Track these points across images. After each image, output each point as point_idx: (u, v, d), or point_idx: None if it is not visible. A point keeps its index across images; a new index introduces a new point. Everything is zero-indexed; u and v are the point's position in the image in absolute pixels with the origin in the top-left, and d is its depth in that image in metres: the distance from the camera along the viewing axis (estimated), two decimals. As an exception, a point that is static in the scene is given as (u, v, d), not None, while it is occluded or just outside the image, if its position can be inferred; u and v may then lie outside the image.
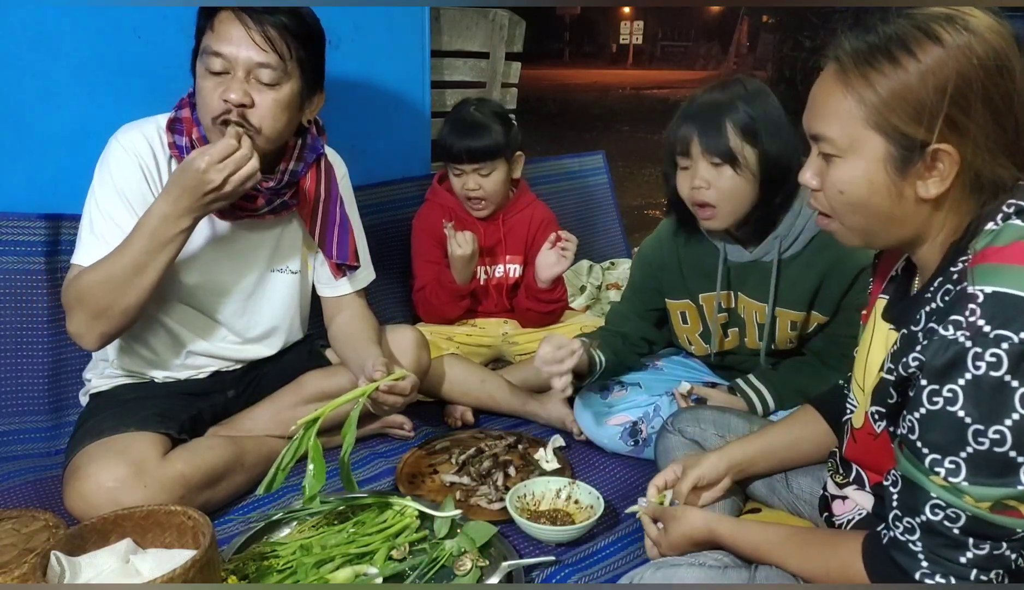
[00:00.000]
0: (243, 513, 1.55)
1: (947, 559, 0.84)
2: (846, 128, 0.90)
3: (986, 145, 0.84)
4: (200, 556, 1.07)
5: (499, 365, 2.17)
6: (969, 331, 0.80)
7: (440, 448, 1.81)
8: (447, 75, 2.68)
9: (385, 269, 2.34)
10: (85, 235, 1.46)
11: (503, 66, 2.86)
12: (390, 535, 1.41)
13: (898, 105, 0.85)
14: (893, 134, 0.87)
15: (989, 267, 0.82)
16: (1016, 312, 0.78)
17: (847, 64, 0.90)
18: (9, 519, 1.32)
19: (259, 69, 1.41)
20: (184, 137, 1.49)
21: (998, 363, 0.78)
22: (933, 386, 0.83)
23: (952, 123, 0.83)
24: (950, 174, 0.86)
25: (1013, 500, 0.81)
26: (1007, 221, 0.85)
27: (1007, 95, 0.83)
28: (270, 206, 1.57)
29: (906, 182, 0.88)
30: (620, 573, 1.40)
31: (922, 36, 0.85)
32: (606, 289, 2.74)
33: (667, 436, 1.53)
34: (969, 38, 0.83)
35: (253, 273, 1.65)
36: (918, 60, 0.84)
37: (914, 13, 0.87)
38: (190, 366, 1.65)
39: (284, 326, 1.74)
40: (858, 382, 1.07)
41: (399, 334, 1.82)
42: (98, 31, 1.76)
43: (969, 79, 0.82)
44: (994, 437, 0.79)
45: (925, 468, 0.84)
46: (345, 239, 1.69)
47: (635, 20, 27.06)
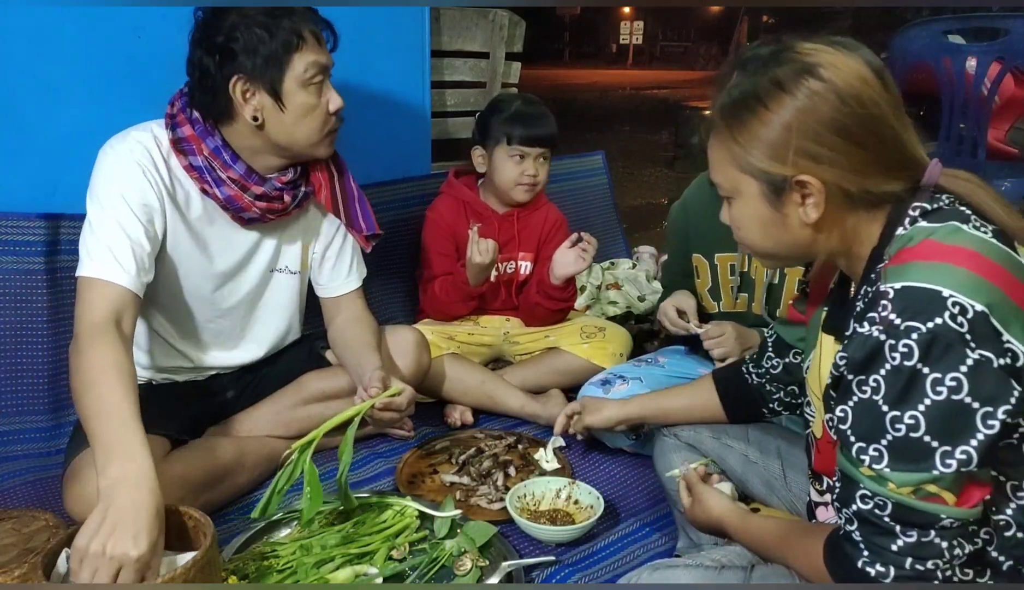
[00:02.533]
0: (243, 513, 1.55)
1: (880, 547, 0.88)
2: (726, 174, 1.01)
3: (848, 167, 0.92)
4: (201, 556, 1.07)
5: (499, 365, 2.17)
6: (883, 325, 0.85)
7: (440, 448, 1.81)
8: (447, 75, 2.68)
9: (385, 269, 2.34)
10: (91, 245, 1.39)
11: (503, 66, 2.86)
12: (390, 535, 1.41)
13: (756, 148, 0.95)
14: (758, 174, 0.97)
15: (899, 266, 0.88)
16: (923, 303, 0.83)
17: (718, 119, 1.00)
18: (9, 519, 1.32)
19: (328, 70, 1.51)
20: (198, 157, 1.48)
21: (910, 352, 0.83)
22: (857, 379, 0.88)
23: (806, 155, 0.92)
24: (821, 199, 0.94)
25: (933, 486, 0.84)
26: (914, 224, 0.92)
27: (861, 122, 0.91)
28: (295, 201, 1.58)
29: (787, 212, 0.97)
30: (620, 573, 1.40)
31: (773, 88, 0.94)
32: (606, 289, 2.74)
33: (663, 439, 1.54)
34: (813, 83, 0.92)
35: (255, 274, 1.64)
36: (768, 108, 0.94)
37: (777, 62, 0.95)
38: (189, 369, 1.65)
39: (283, 326, 1.74)
40: (813, 391, 1.10)
41: (399, 335, 1.82)
42: (98, 31, 1.76)
43: (816, 116, 0.91)
44: (909, 422, 0.84)
45: (854, 458, 0.89)
46: (367, 210, 1.71)
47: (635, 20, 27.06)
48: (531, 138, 2.03)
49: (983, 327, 0.82)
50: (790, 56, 0.94)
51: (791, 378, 1.34)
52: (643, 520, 1.57)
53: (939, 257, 0.86)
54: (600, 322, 2.18)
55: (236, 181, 1.50)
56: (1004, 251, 0.88)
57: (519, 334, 2.15)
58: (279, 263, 1.68)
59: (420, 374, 1.83)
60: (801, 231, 0.98)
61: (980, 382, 0.82)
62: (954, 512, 0.84)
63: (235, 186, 1.50)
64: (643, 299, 2.69)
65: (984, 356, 0.81)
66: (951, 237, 0.88)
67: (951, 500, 0.84)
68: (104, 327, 1.30)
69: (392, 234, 2.34)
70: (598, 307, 2.64)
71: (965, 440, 0.82)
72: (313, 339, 1.82)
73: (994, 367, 0.82)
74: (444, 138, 2.72)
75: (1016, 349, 0.83)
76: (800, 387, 1.33)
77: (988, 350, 0.82)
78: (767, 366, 1.37)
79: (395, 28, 2.32)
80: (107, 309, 1.33)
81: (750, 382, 1.40)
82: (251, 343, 1.70)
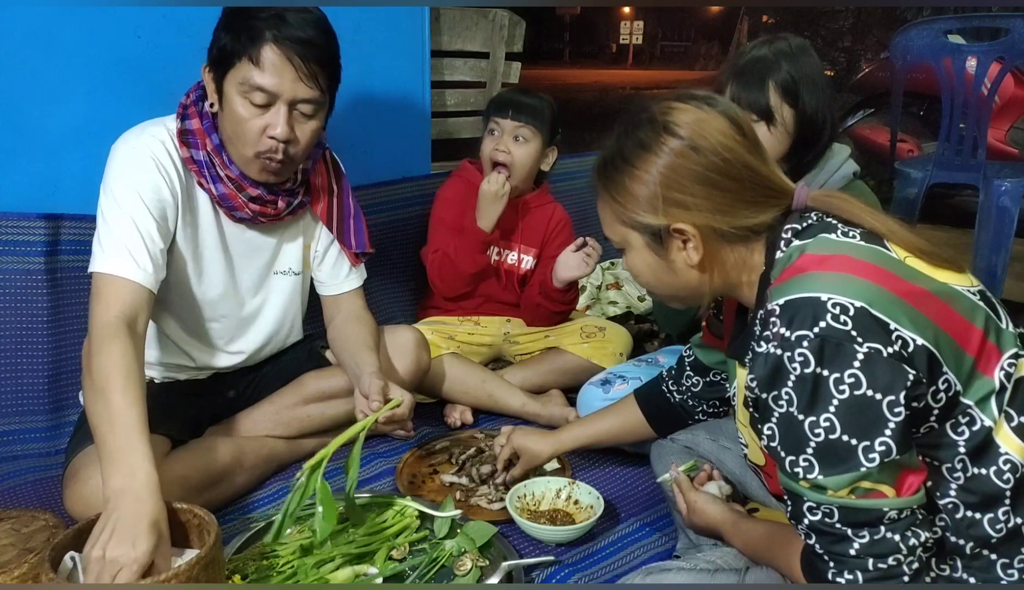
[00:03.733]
0: (243, 513, 1.55)
1: (840, 554, 0.90)
2: (614, 229, 1.09)
3: (714, 209, 0.99)
4: (204, 554, 1.07)
5: (499, 365, 2.17)
6: (776, 340, 0.90)
7: (440, 448, 1.81)
8: (447, 75, 2.68)
9: (385, 269, 2.33)
10: (106, 241, 1.38)
11: (503, 66, 2.86)
12: (390, 535, 1.41)
13: (630, 203, 1.03)
14: (639, 227, 1.04)
15: (781, 284, 0.94)
16: (806, 311, 0.88)
17: (597, 181, 1.09)
18: (9, 519, 1.32)
19: (303, 104, 1.42)
20: (200, 151, 1.47)
21: (806, 360, 0.87)
22: (772, 395, 0.91)
23: (676, 204, 1.00)
24: (698, 242, 1.01)
25: (866, 482, 0.87)
26: (789, 245, 0.98)
27: (719, 169, 0.98)
28: (290, 208, 1.58)
29: (672, 257, 1.05)
30: (620, 573, 1.40)
31: (636, 147, 1.02)
32: (606, 289, 2.74)
33: (660, 442, 1.54)
34: (672, 142, 0.99)
35: (256, 276, 1.65)
36: (635, 167, 1.02)
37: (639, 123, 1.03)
38: (191, 368, 1.65)
39: (285, 327, 1.74)
40: (740, 420, 1.13)
41: (399, 334, 1.81)
42: (98, 31, 1.76)
43: (674, 168, 0.99)
44: (825, 425, 0.87)
45: (791, 473, 0.91)
46: (361, 228, 1.72)
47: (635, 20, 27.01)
48: (505, 111, 2.03)
49: (866, 321, 0.86)
50: (648, 117, 1.03)
51: (712, 392, 1.41)
52: (643, 520, 1.57)
53: (814, 267, 0.93)
54: (600, 322, 2.18)
55: (233, 180, 1.49)
56: (873, 249, 0.94)
57: (519, 334, 2.15)
58: (281, 264, 1.68)
59: (420, 374, 1.83)
60: (689, 273, 1.05)
61: (875, 373, 0.85)
62: (896, 503, 0.87)
63: (231, 185, 1.49)
64: (643, 299, 2.69)
65: (872, 348, 0.85)
66: (821, 247, 0.95)
67: (890, 492, 0.87)
68: (118, 327, 1.30)
69: (392, 234, 2.34)
70: (598, 307, 2.64)
71: (880, 431, 0.86)
72: (313, 339, 1.82)
73: (884, 356, 0.86)
74: (444, 138, 2.72)
75: (904, 336, 0.87)
76: (721, 400, 1.41)
77: (875, 341, 0.86)
78: (687, 384, 1.43)
79: (395, 28, 2.32)
80: (123, 308, 1.33)
81: (672, 400, 1.46)
82: (253, 343, 1.70)
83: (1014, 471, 0.90)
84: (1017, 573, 0.92)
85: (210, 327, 1.63)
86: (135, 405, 1.22)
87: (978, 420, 0.91)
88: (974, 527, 0.92)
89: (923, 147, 4.30)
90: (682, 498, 1.31)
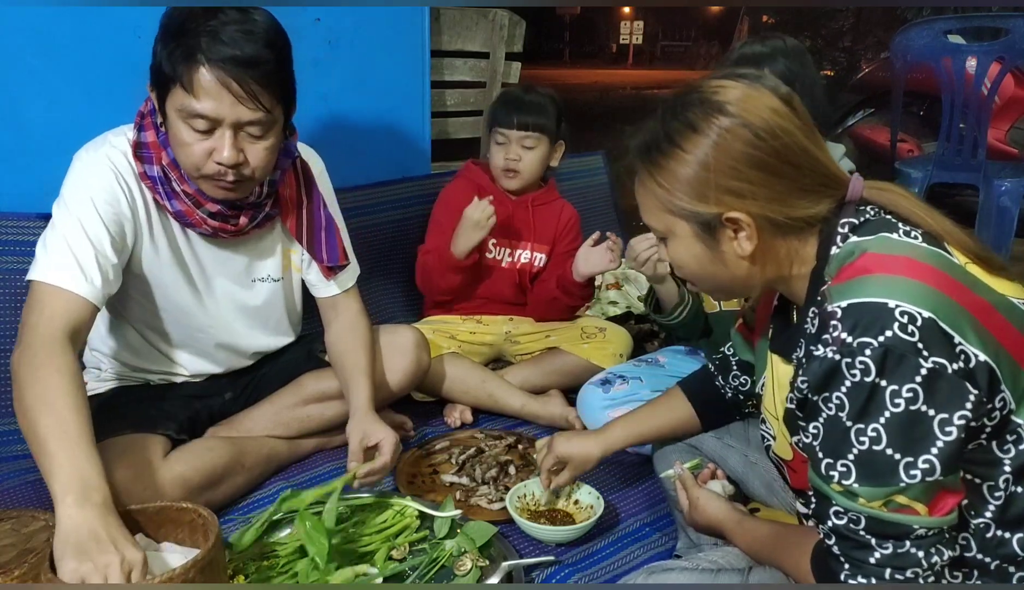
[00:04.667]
0: (243, 513, 1.55)
1: (859, 560, 0.88)
2: (657, 217, 1.02)
3: (771, 198, 0.93)
4: (203, 556, 1.07)
5: (500, 365, 2.17)
6: (836, 345, 0.86)
7: (440, 448, 1.81)
8: (447, 75, 2.68)
9: (385, 269, 2.34)
10: (54, 250, 1.32)
11: (503, 66, 2.86)
12: (390, 535, 1.41)
13: (680, 190, 0.96)
14: (687, 215, 0.98)
15: (842, 284, 0.89)
16: (872, 318, 0.84)
17: (638, 164, 1.02)
18: (9, 519, 1.31)
19: (249, 126, 1.33)
20: (155, 165, 1.41)
21: (867, 369, 0.83)
22: (822, 397, 0.88)
23: (729, 192, 0.94)
24: (752, 232, 0.95)
25: (902, 497, 0.84)
26: (846, 240, 0.94)
27: (775, 152, 0.92)
28: (254, 222, 1.52)
29: (722, 248, 0.98)
30: (620, 573, 1.40)
31: (685, 128, 0.95)
32: (606, 289, 2.74)
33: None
34: (723, 120, 0.93)
35: (232, 285, 1.60)
36: (684, 150, 0.95)
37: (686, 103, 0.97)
38: (183, 373, 1.64)
39: (272, 332, 1.72)
40: (770, 411, 1.11)
41: (399, 334, 1.81)
42: (98, 31, 1.76)
43: (728, 152, 0.93)
44: (872, 435, 0.84)
45: (824, 475, 0.89)
46: (333, 241, 1.64)
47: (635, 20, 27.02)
48: (511, 121, 2.02)
49: (933, 334, 0.83)
50: (698, 96, 0.96)
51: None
52: (643, 520, 1.57)
53: (878, 269, 0.88)
54: (600, 322, 2.18)
55: (190, 196, 1.42)
56: (935, 253, 0.90)
57: (520, 334, 2.15)
58: (259, 272, 1.63)
59: (420, 374, 1.82)
60: (738, 264, 0.99)
61: (935, 390, 0.82)
62: (927, 521, 0.85)
63: (188, 201, 1.43)
64: (643, 299, 2.68)
65: (938, 363, 0.82)
66: (884, 246, 0.90)
67: (923, 510, 0.85)
68: (62, 341, 1.24)
69: (392, 234, 2.34)
70: (598, 307, 2.64)
71: (925, 449, 0.83)
72: (312, 340, 1.81)
73: (948, 373, 0.82)
74: (444, 138, 2.72)
75: (968, 351, 0.84)
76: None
77: (941, 356, 0.82)
78: (735, 383, 1.39)
79: (395, 28, 2.32)
80: (66, 321, 1.27)
81: (727, 396, 1.41)
82: (241, 350, 1.68)
83: None
84: None
85: (195, 336, 1.60)
86: (84, 421, 1.17)
87: None
88: (1003, 546, 0.90)
89: (923, 147, 4.31)
90: (685, 495, 1.30)
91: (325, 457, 1.78)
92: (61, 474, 1.10)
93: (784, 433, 1.06)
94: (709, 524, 1.24)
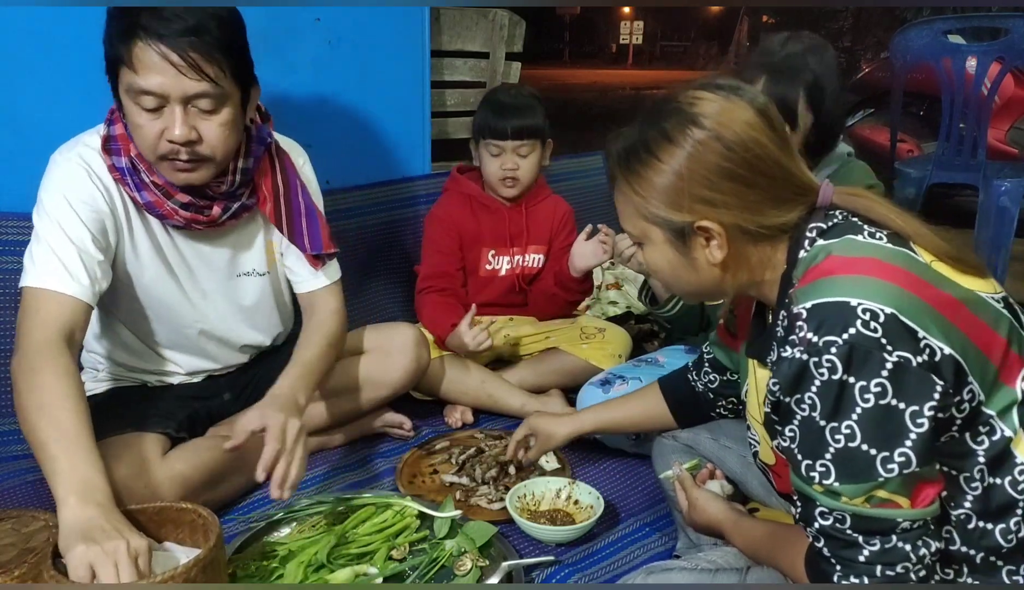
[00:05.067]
0: (243, 513, 1.55)
1: (849, 560, 0.89)
2: (633, 223, 1.05)
3: (742, 208, 0.96)
4: (204, 555, 1.07)
5: (499, 365, 2.17)
6: (803, 345, 0.87)
7: (440, 448, 1.81)
8: (447, 75, 2.68)
9: (385, 269, 2.34)
10: (38, 255, 1.33)
11: (503, 66, 2.86)
12: (390, 535, 1.41)
13: (655, 198, 0.99)
14: (661, 222, 1.00)
15: (807, 286, 0.91)
16: (835, 317, 0.86)
17: (616, 172, 1.04)
18: (9, 519, 1.31)
19: (197, 99, 1.30)
20: (123, 157, 1.39)
21: (834, 366, 0.85)
22: (794, 399, 0.90)
23: (702, 201, 0.96)
24: (723, 240, 0.98)
25: (883, 491, 0.86)
26: (814, 244, 0.96)
27: (748, 165, 0.95)
28: (228, 213, 1.48)
29: (694, 255, 1.01)
30: (620, 573, 1.40)
31: (661, 138, 0.98)
32: (606, 289, 2.74)
33: (661, 441, 1.54)
34: (698, 132, 0.95)
35: (217, 282, 1.58)
36: (660, 159, 0.98)
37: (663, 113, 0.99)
38: (180, 373, 1.63)
39: (266, 328, 1.70)
40: (753, 417, 1.13)
41: (399, 332, 1.80)
42: (98, 31, 1.75)
43: (701, 162, 0.95)
44: (846, 433, 0.86)
45: (805, 477, 0.90)
46: (316, 228, 1.59)
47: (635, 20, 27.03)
48: (504, 131, 2.00)
49: (896, 329, 0.84)
50: (674, 107, 0.99)
51: (729, 391, 1.39)
52: (643, 520, 1.57)
53: (842, 270, 0.90)
54: (600, 323, 2.19)
55: (160, 187, 1.40)
56: (900, 252, 0.92)
57: (520, 336, 2.15)
58: (244, 266, 1.60)
59: (419, 372, 1.82)
60: (710, 271, 1.02)
61: (903, 383, 0.84)
62: (910, 514, 0.86)
63: (158, 192, 1.40)
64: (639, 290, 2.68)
65: (903, 357, 0.84)
66: (848, 248, 0.93)
67: (905, 503, 0.86)
68: (57, 344, 1.24)
69: (392, 234, 2.34)
70: (598, 307, 2.64)
71: (900, 442, 0.84)
72: None
73: (913, 366, 0.84)
74: (444, 138, 2.72)
75: (932, 345, 0.85)
76: (739, 399, 1.38)
77: (905, 350, 0.84)
78: (706, 380, 1.42)
79: (395, 28, 2.32)
80: (59, 324, 1.27)
81: (697, 389, 1.44)
82: (236, 347, 1.67)
83: None
84: (1023, 579, 0.91)
85: (183, 333, 1.58)
86: (84, 423, 1.18)
87: (999, 430, 0.89)
88: (986, 537, 0.91)
89: (923, 147, 4.31)
90: (683, 495, 1.31)
91: (325, 457, 1.79)
92: (63, 476, 1.12)
93: (767, 438, 1.07)
94: (707, 524, 1.25)
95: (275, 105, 2.08)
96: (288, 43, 2.07)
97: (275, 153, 1.56)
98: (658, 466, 1.51)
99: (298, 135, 1.72)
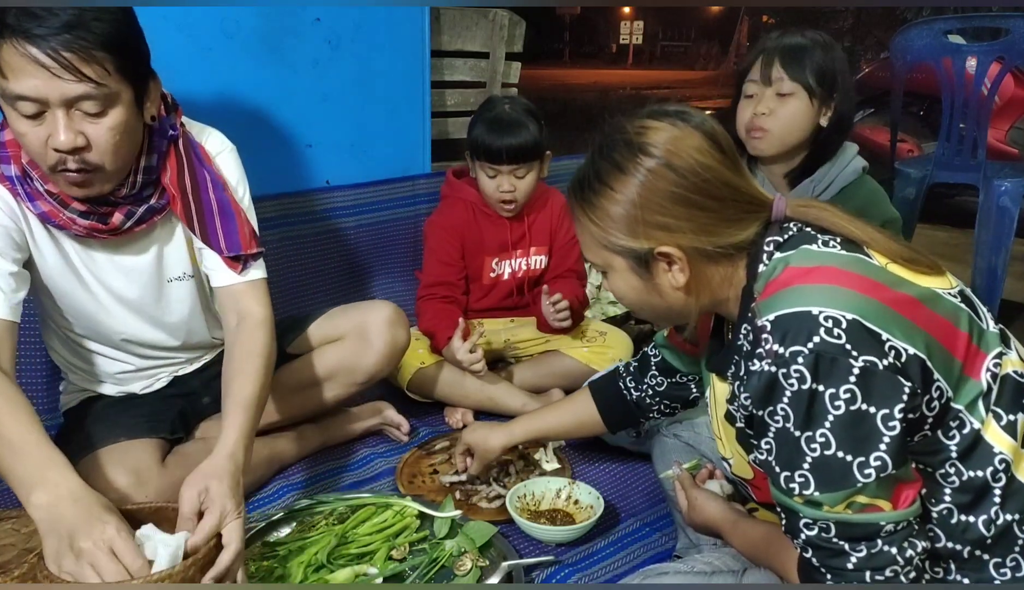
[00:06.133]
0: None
1: (838, 568, 0.90)
2: (594, 252, 1.06)
3: (698, 230, 0.97)
4: (203, 556, 1.07)
5: (500, 366, 2.17)
6: (770, 357, 0.88)
7: (440, 448, 1.81)
8: (447, 75, 2.68)
9: (386, 269, 2.34)
10: None
11: (503, 66, 2.86)
12: (390, 535, 1.41)
13: (612, 227, 1.00)
14: (621, 250, 1.01)
15: (768, 299, 0.93)
16: (798, 326, 0.87)
17: (573, 203, 1.05)
18: (9, 519, 1.32)
19: (79, 102, 1.17)
20: (12, 165, 1.28)
21: (802, 376, 0.85)
22: (766, 412, 0.90)
23: (658, 227, 0.97)
24: (684, 264, 0.99)
25: (863, 497, 0.86)
26: (771, 258, 0.97)
27: (699, 189, 0.96)
28: (133, 218, 1.35)
29: (657, 280, 1.02)
30: (620, 573, 1.40)
31: (613, 169, 0.99)
32: (606, 289, 2.74)
33: (662, 440, 1.54)
34: (648, 161, 0.97)
35: (144, 290, 1.47)
36: (614, 189, 0.99)
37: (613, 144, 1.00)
38: (136, 380, 1.58)
39: (205, 330, 1.60)
40: (718, 435, 1.14)
41: (372, 312, 1.71)
42: None
43: (652, 190, 0.97)
44: (821, 441, 0.86)
45: (786, 489, 0.91)
46: (232, 226, 1.42)
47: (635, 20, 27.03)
48: (500, 155, 1.95)
49: (860, 334, 0.85)
50: (623, 138, 0.99)
51: (676, 393, 1.41)
52: (643, 520, 1.57)
53: (799, 280, 0.92)
54: (602, 326, 2.18)
55: (55, 196, 1.29)
56: (854, 257, 0.93)
57: (519, 340, 2.14)
58: (171, 271, 1.49)
59: (396, 353, 1.73)
60: (674, 295, 1.02)
61: (871, 387, 0.84)
62: (893, 516, 0.87)
63: (53, 201, 1.29)
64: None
65: (868, 361, 0.84)
66: (804, 258, 0.94)
67: (886, 506, 0.87)
68: None
69: (392, 234, 2.35)
70: (598, 307, 2.64)
71: (874, 446, 0.85)
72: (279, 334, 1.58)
73: (880, 369, 0.85)
74: (444, 138, 2.72)
75: (897, 347, 0.86)
76: (683, 402, 1.43)
77: (870, 354, 0.85)
78: (651, 383, 1.43)
79: (395, 28, 2.32)
80: None
81: (628, 397, 1.46)
82: (179, 351, 1.60)
83: (1006, 469, 0.90)
84: (1010, 572, 0.92)
85: (113, 342, 1.51)
86: (32, 428, 1.12)
87: (968, 423, 0.91)
88: (969, 530, 0.92)
89: (923, 147, 4.31)
90: (683, 494, 1.31)
91: (325, 456, 1.79)
92: (20, 483, 1.08)
93: (740, 453, 1.08)
94: (706, 524, 1.26)
95: (275, 105, 2.09)
96: (288, 43, 2.07)
97: (184, 146, 1.41)
98: (658, 465, 1.51)
99: (298, 135, 1.70)
